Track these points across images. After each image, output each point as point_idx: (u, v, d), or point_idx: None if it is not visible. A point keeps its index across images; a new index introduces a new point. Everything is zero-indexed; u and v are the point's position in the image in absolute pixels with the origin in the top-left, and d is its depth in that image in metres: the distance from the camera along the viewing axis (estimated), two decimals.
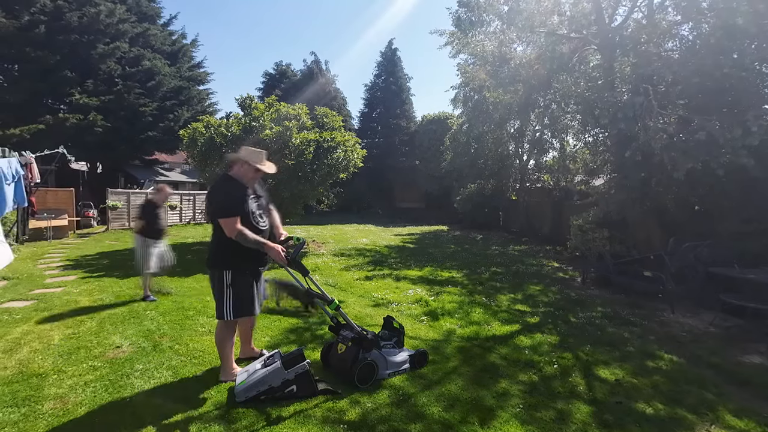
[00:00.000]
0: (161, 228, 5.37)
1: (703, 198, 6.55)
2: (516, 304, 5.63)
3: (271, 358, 3.02)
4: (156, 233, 5.29)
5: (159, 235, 5.34)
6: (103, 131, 15.26)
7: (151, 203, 5.35)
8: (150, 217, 5.25)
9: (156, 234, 5.29)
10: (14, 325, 4.21)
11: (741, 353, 4.02)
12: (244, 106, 9.89)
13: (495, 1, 10.00)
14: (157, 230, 5.31)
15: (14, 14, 13.93)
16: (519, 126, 15.27)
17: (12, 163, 7.04)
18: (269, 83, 27.23)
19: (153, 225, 5.23)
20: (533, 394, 3.08)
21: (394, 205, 26.25)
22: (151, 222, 5.22)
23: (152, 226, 5.22)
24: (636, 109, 6.30)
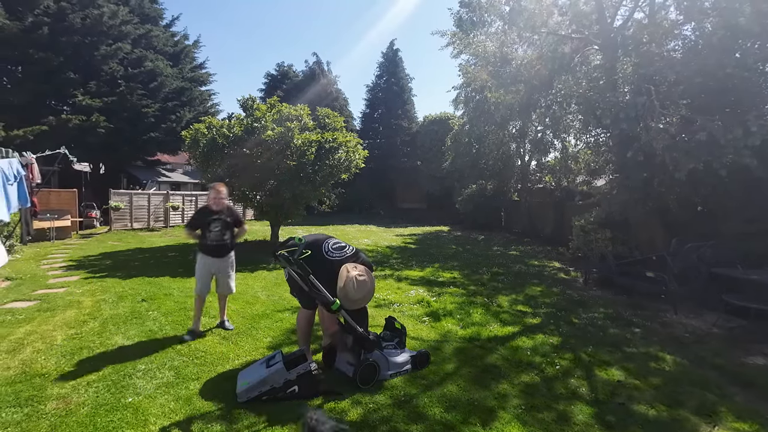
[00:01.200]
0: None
1: (705, 198, 6.51)
2: (517, 304, 5.62)
3: (273, 358, 3.02)
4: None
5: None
6: (105, 132, 15.32)
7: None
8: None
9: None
10: (17, 326, 4.23)
11: (744, 354, 4.00)
12: (246, 106, 9.91)
13: (497, 1, 10.00)
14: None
15: (18, 16, 14.00)
16: (520, 126, 15.25)
17: (13, 163, 7.05)
18: (271, 84, 27.26)
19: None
20: (535, 395, 3.08)
21: (395, 206, 26.23)
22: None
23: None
24: (638, 110, 6.28)
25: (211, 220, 4.07)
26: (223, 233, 4.12)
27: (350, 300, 2.97)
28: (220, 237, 4.10)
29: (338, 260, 3.16)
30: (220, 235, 4.10)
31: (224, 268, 4.23)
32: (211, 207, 4.15)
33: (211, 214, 4.10)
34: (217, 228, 4.08)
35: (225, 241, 4.15)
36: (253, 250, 9.88)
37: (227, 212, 4.19)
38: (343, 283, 2.95)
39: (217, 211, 4.12)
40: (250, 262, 8.10)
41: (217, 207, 4.12)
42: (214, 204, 4.14)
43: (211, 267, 4.14)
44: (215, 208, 4.12)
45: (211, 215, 4.09)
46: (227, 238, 4.17)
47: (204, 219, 4.10)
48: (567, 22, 9.88)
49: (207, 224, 4.07)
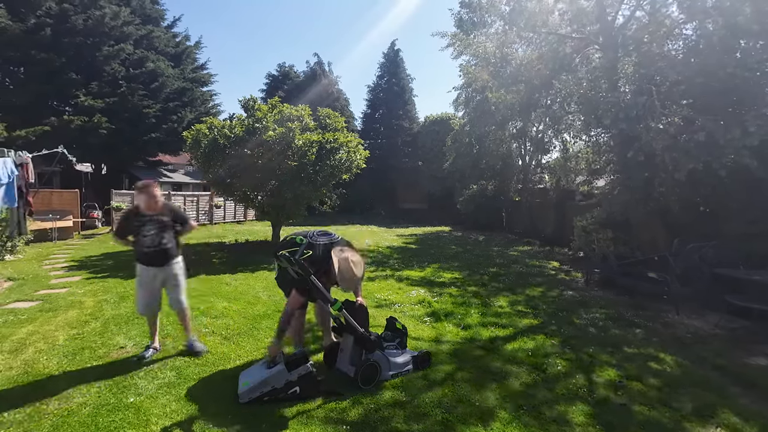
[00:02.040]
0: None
1: (706, 199, 6.50)
2: (518, 305, 5.61)
3: (275, 359, 3.03)
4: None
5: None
6: (107, 133, 15.37)
7: None
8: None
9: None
10: (20, 326, 4.24)
11: (746, 355, 3.99)
12: (247, 107, 9.92)
13: (497, 1, 9.99)
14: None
15: (20, 17, 14.07)
16: (521, 126, 15.23)
17: (7, 163, 7.01)
18: (272, 85, 27.30)
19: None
20: (535, 395, 3.08)
21: (396, 206, 26.23)
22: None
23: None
24: (639, 109, 6.27)
25: (143, 222, 3.48)
26: (160, 237, 3.51)
27: (348, 280, 3.08)
28: (156, 241, 3.49)
29: (326, 243, 3.25)
30: (157, 240, 3.49)
31: (168, 279, 3.59)
32: (141, 209, 3.54)
33: (141, 216, 3.51)
34: (151, 231, 3.48)
35: (164, 245, 3.52)
36: (254, 250, 9.90)
37: (165, 212, 3.61)
38: (338, 267, 3.04)
39: (150, 213, 3.53)
40: (251, 263, 8.12)
41: (149, 210, 3.53)
42: (147, 208, 3.52)
43: (152, 278, 3.54)
44: (148, 211, 3.53)
45: (142, 217, 3.50)
46: (166, 242, 3.54)
47: (131, 223, 3.51)
48: (567, 21, 9.87)
49: (137, 228, 3.48)
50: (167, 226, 3.57)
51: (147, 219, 3.49)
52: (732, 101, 5.99)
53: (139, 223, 3.49)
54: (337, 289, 3.41)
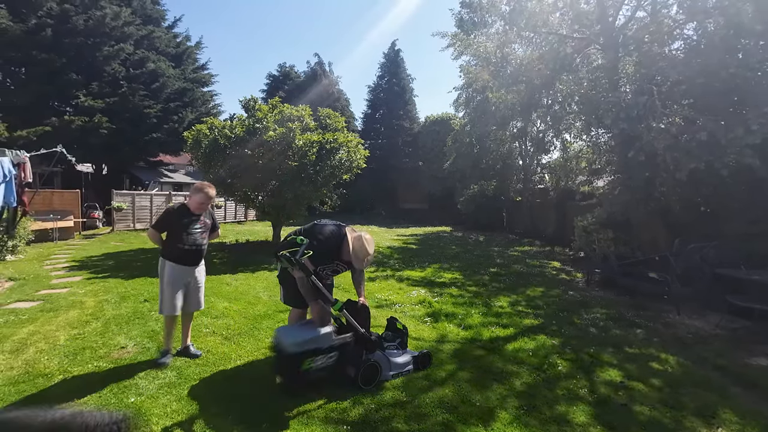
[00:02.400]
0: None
1: (708, 199, 6.49)
2: (519, 305, 5.61)
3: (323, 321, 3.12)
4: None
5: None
6: (107, 133, 15.39)
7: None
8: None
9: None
10: (21, 326, 4.25)
11: (748, 355, 3.98)
12: (247, 107, 9.93)
13: (497, 1, 9.99)
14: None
15: (21, 18, 14.09)
16: (522, 126, 15.23)
17: (4, 162, 7.00)
18: (273, 85, 27.34)
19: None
20: (536, 395, 3.07)
21: (397, 206, 26.24)
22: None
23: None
24: (639, 109, 6.26)
25: (191, 220, 3.50)
26: (203, 236, 3.58)
27: (361, 259, 3.13)
28: (200, 241, 3.53)
29: (335, 225, 3.33)
30: (201, 239, 3.54)
31: (199, 279, 3.64)
32: (190, 208, 3.53)
33: (191, 214, 3.52)
34: (198, 229, 3.51)
35: (203, 245, 3.59)
36: (255, 250, 9.90)
37: (208, 215, 3.69)
38: (353, 246, 3.12)
39: (197, 213, 3.56)
40: (252, 263, 8.12)
41: (199, 211, 3.55)
42: (197, 208, 3.52)
43: (184, 278, 3.50)
44: (197, 212, 3.54)
45: (191, 216, 3.52)
46: (206, 243, 3.64)
47: (180, 219, 3.48)
48: (568, 21, 9.87)
49: (185, 225, 3.46)
50: (208, 228, 3.65)
51: (195, 218, 3.52)
52: (733, 101, 5.98)
53: (187, 221, 3.48)
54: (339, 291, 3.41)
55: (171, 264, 3.46)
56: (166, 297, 3.43)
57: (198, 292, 3.63)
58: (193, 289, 3.58)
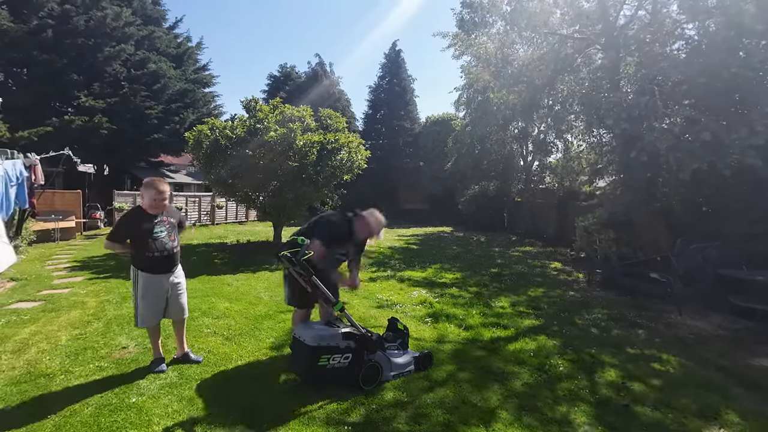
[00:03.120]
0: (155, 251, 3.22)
1: (710, 199, 6.48)
2: (520, 305, 5.60)
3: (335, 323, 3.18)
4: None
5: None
6: (109, 134, 15.42)
7: None
8: None
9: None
10: (22, 326, 4.25)
11: (750, 356, 3.97)
12: (248, 108, 9.94)
13: (498, 1, 9.98)
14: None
15: (23, 18, 14.12)
16: (523, 127, 15.23)
17: (17, 165, 7.09)
18: (274, 85, 27.34)
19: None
20: (537, 396, 3.07)
21: (398, 207, 26.21)
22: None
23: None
24: (641, 109, 6.25)
25: (153, 224, 3.15)
26: (172, 238, 3.26)
27: (380, 225, 3.38)
28: (170, 244, 3.21)
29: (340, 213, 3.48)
30: (170, 242, 3.21)
31: (178, 285, 3.32)
32: (147, 210, 3.18)
33: (149, 216, 3.17)
34: (162, 232, 3.17)
35: (176, 248, 3.29)
36: (256, 251, 9.90)
37: (172, 212, 3.36)
38: (369, 221, 3.32)
39: (156, 214, 3.21)
40: (253, 263, 8.13)
41: (156, 211, 3.20)
42: (152, 208, 3.17)
43: (159, 286, 3.21)
44: (154, 212, 3.19)
45: (150, 218, 3.17)
46: (176, 245, 3.31)
47: (140, 225, 3.13)
48: (569, 21, 9.86)
49: (147, 231, 3.11)
50: (175, 228, 3.33)
51: (157, 220, 3.17)
52: (735, 101, 5.97)
53: (148, 225, 3.13)
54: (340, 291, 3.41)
55: (143, 274, 3.17)
56: (140, 309, 3.18)
57: (179, 299, 3.33)
58: (174, 296, 3.29)
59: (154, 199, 3.15)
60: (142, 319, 3.19)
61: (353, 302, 5.48)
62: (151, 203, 3.16)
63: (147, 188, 3.16)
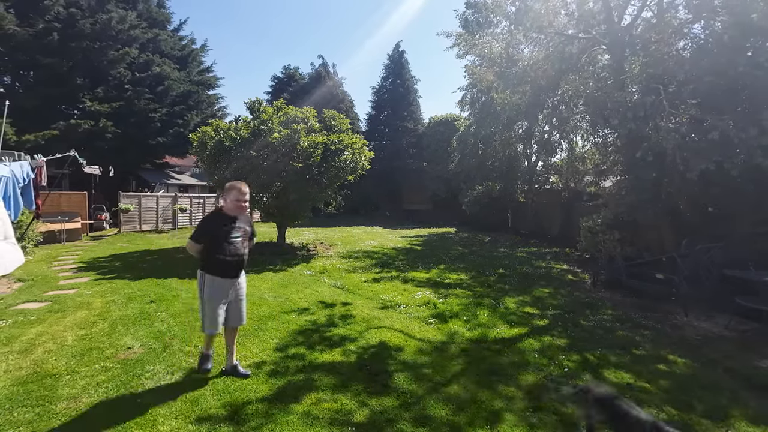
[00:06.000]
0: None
1: (717, 199, 6.41)
2: (524, 306, 5.58)
3: None
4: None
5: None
6: (114, 136, 15.53)
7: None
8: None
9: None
10: (29, 326, 4.29)
11: (758, 357, 3.93)
12: (252, 109, 9.98)
13: (502, 1, 9.96)
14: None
15: (29, 22, 14.25)
16: (527, 127, 15.16)
17: (24, 166, 7.18)
18: (277, 87, 27.43)
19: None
20: (542, 397, 3.05)
21: (401, 207, 26.20)
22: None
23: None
24: (647, 109, 6.21)
25: (231, 228, 3.16)
26: (244, 245, 3.26)
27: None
28: (241, 250, 3.20)
29: None
30: (242, 247, 3.21)
31: (240, 291, 3.30)
32: (227, 212, 3.22)
33: (230, 220, 3.19)
34: (238, 237, 3.18)
35: (246, 255, 3.28)
36: (260, 251, 9.93)
37: (246, 219, 3.33)
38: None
39: (235, 217, 3.23)
40: (257, 264, 8.15)
41: (236, 212, 3.22)
42: (233, 209, 3.21)
43: (226, 291, 3.16)
44: (234, 214, 3.22)
45: (230, 221, 3.18)
46: (247, 251, 3.30)
47: (220, 226, 3.15)
48: (574, 22, 9.82)
49: (225, 233, 3.12)
50: (248, 235, 3.33)
51: (235, 225, 3.19)
52: (742, 100, 5.92)
53: (228, 228, 3.14)
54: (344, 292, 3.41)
55: (212, 277, 3.11)
56: (208, 313, 3.11)
57: (240, 305, 3.29)
58: (235, 302, 3.25)
59: (237, 200, 3.18)
60: (210, 323, 3.11)
61: (357, 303, 5.47)
62: (234, 204, 3.19)
63: (230, 190, 3.21)
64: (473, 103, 16.16)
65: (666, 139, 5.80)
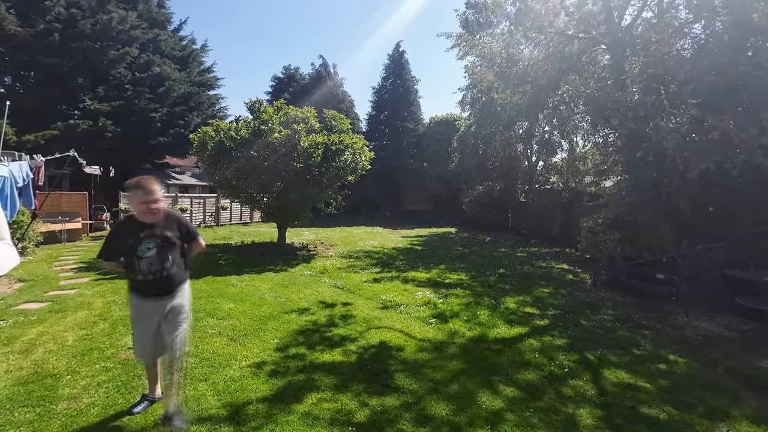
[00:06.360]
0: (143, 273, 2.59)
1: (717, 199, 6.41)
2: (525, 306, 5.58)
3: None
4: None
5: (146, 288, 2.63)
6: (114, 136, 15.53)
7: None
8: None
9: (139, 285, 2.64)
10: (30, 327, 4.29)
11: (758, 357, 3.93)
12: (253, 109, 9.98)
13: (503, 2, 9.96)
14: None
15: (30, 22, 14.26)
16: (527, 127, 15.15)
17: (23, 166, 7.18)
18: (278, 87, 27.44)
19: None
20: (542, 397, 3.05)
21: (402, 207, 26.20)
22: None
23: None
24: (647, 109, 6.21)
25: (140, 239, 2.52)
26: (163, 258, 2.57)
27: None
28: (158, 265, 2.55)
29: None
30: (159, 263, 2.55)
31: (172, 315, 2.62)
32: (138, 218, 2.55)
33: (140, 228, 2.54)
34: (151, 251, 2.53)
35: (171, 270, 2.59)
36: (260, 251, 9.93)
37: (168, 222, 2.64)
38: None
39: (149, 223, 2.55)
40: (257, 264, 8.15)
41: (147, 217, 2.54)
42: (143, 213, 2.53)
43: (153, 315, 2.59)
44: (146, 219, 2.55)
45: (139, 231, 2.53)
46: (170, 266, 2.59)
47: (125, 239, 2.52)
48: (574, 22, 9.81)
49: (131, 247, 2.51)
50: (172, 244, 2.62)
51: (144, 235, 2.53)
52: (742, 100, 5.92)
53: (133, 241, 2.51)
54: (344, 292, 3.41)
55: (134, 298, 2.62)
56: (136, 337, 2.69)
57: (172, 332, 2.60)
58: (171, 324, 2.61)
59: (143, 202, 2.49)
60: (136, 349, 2.73)
61: (357, 303, 5.48)
62: (141, 209, 2.51)
63: (134, 190, 2.50)
64: (473, 104, 16.16)
65: (666, 139, 5.80)
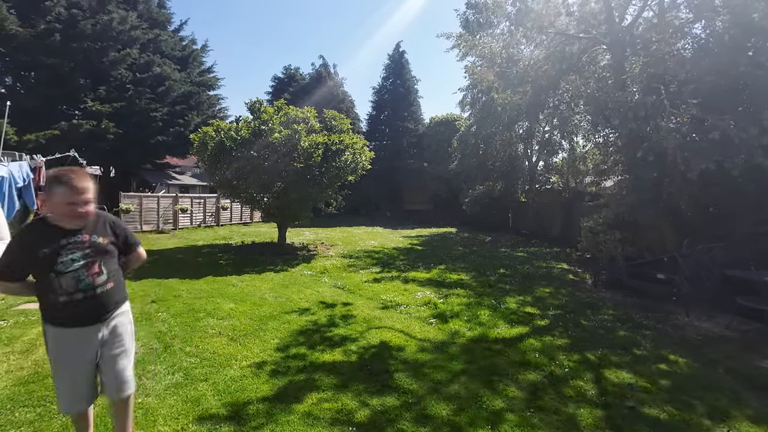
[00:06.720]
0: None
1: (717, 199, 6.41)
2: (525, 306, 5.57)
3: None
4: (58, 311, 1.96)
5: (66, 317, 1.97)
6: (114, 137, 15.58)
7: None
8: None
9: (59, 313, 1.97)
10: (30, 327, 4.29)
11: (759, 358, 3.92)
12: (253, 109, 9.99)
13: (503, 2, 9.96)
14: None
15: (31, 23, 14.29)
16: (528, 127, 15.17)
17: (23, 167, 7.19)
18: (278, 87, 27.44)
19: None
20: (543, 397, 3.05)
21: (402, 207, 26.20)
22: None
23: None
24: (647, 109, 6.21)
25: (59, 246, 1.89)
26: (95, 272, 1.96)
27: None
28: (88, 281, 1.93)
29: None
30: (89, 276, 1.94)
31: (113, 342, 2.06)
32: (56, 222, 1.93)
33: (60, 235, 1.91)
34: (76, 263, 1.91)
35: (104, 286, 2.00)
36: (261, 251, 9.93)
37: (98, 225, 2.06)
38: None
39: (73, 229, 1.94)
40: (258, 264, 8.15)
41: (71, 222, 1.94)
42: (67, 216, 1.92)
43: (84, 348, 1.98)
44: (69, 224, 1.93)
45: (58, 238, 1.90)
46: (105, 282, 2.00)
47: (38, 249, 1.86)
48: (575, 22, 9.81)
49: (48, 260, 1.86)
50: (106, 252, 2.03)
51: (66, 241, 1.90)
52: (743, 100, 5.91)
53: (50, 250, 1.86)
54: (344, 292, 3.41)
55: (54, 329, 1.95)
56: (60, 383, 2.00)
57: (117, 363, 2.05)
58: (108, 360, 2.03)
59: (69, 202, 1.88)
60: (63, 397, 2.01)
61: (357, 303, 5.48)
62: (64, 211, 1.90)
63: (55, 185, 1.87)
64: (474, 104, 16.17)
65: (667, 139, 5.80)
